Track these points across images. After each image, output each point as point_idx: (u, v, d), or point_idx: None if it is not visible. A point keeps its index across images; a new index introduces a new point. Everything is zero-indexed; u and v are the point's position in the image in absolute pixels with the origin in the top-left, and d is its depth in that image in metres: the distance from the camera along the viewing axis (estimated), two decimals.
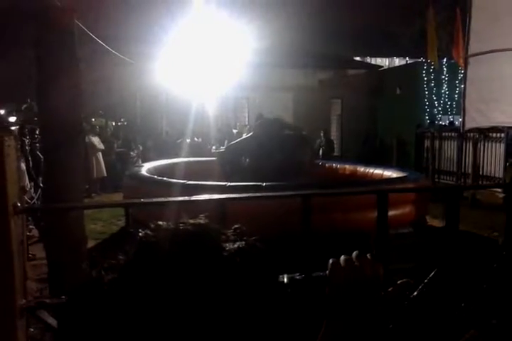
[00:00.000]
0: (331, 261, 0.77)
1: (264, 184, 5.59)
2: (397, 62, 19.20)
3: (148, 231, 0.71)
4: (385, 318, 0.77)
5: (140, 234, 0.71)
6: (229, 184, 5.84)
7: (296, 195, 1.38)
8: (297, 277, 0.79)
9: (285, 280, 0.75)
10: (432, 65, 13.23)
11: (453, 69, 13.27)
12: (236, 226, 0.75)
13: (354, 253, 0.78)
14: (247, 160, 7.09)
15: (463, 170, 10.70)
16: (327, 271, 0.77)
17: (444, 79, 13.85)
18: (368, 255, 0.78)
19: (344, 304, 0.74)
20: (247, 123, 15.45)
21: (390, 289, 0.78)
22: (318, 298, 0.75)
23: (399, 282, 0.78)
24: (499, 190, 9.47)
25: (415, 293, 0.83)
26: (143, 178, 6.79)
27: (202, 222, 0.73)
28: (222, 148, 8.44)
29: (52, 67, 2.61)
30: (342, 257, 0.78)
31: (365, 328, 0.74)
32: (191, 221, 0.73)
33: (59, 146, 2.66)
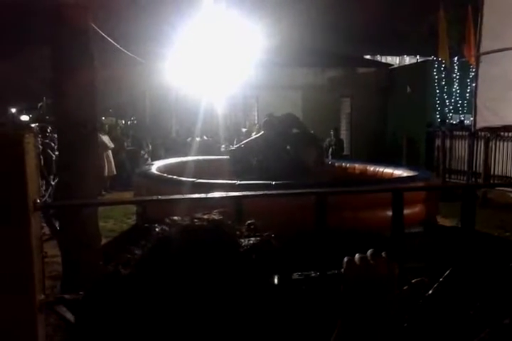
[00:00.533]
0: (345, 259, 0.78)
1: (273, 182, 5.59)
2: (408, 60, 19.08)
3: (165, 227, 0.72)
4: (400, 317, 0.77)
5: (156, 229, 0.72)
6: (239, 182, 5.85)
7: (311, 192, 1.38)
8: (312, 275, 0.80)
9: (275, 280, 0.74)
10: (443, 64, 13.13)
11: (464, 68, 13.16)
12: (250, 221, 0.76)
13: (369, 252, 0.78)
14: (256, 159, 7.11)
15: (474, 169, 10.62)
16: (342, 269, 0.77)
17: (455, 77, 13.75)
18: (383, 253, 0.78)
19: (359, 302, 0.74)
20: (256, 121, 15.44)
21: (404, 287, 0.78)
22: (333, 296, 0.76)
23: (414, 281, 0.78)
24: (511, 189, 9.39)
25: (430, 292, 0.83)
26: (153, 177, 6.82)
27: (216, 217, 0.74)
28: (233, 147, 8.45)
29: (67, 65, 2.61)
30: (357, 255, 0.78)
31: (380, 327, 0.74)
32: (205, 216, 0.74)
33: (74, 144, 2.66)
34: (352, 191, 2.68)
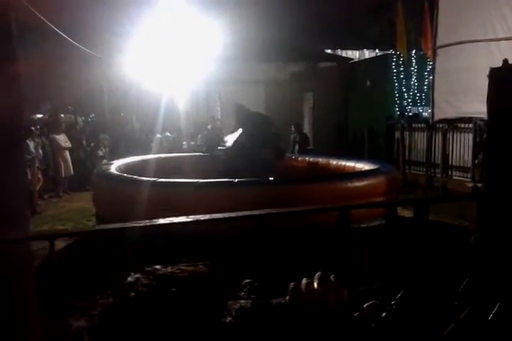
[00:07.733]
0: (291, 285, 0.71)
1: (236, 180, 5.53)
2: (367, 54, 19.30)
3: (140, 277, 0.62)
4: None
5: (129, 278, 0.62)
6: (200, 181, 5.75)
7: (252, 216, 1.32)
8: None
9: None
10: (401, 57, 13.34)
11: (422, 61, 13.42)
12: (248, 280, 0.67)
13: (316, 276, 0.72)
14: (228, 157, 7.14)
15: (432, 160, 10.87)
16: (287, 297, 0.70)
17: (414, 70, 14.01)
18: (332, 277, 0.72)
19: (307, 334, 0.68)
20: (219, 117, 15.29)
21: (356, 314, 0.72)
22: (278, 327, 0.69)
23: (365, 305, 0.73)
24: (468, 179, 9.66)
25: (383, 315, 0.78)
26: (112, 176, 6.61)
27: (202, 269, 0.65)
28: (221, 147, 8.37)
29: None
30: (303, 281, 0.71)
31: None
32: (189, 268, 0.64)
33: None
34: (295, 212, 2.51)
